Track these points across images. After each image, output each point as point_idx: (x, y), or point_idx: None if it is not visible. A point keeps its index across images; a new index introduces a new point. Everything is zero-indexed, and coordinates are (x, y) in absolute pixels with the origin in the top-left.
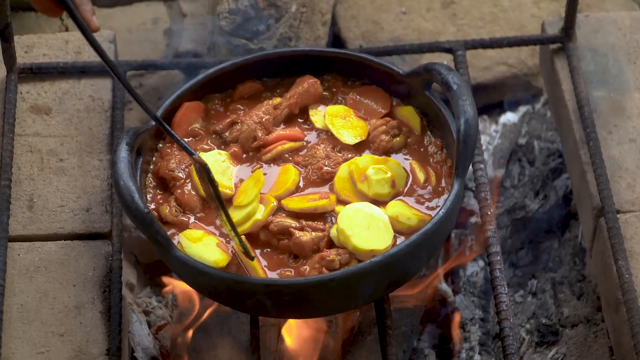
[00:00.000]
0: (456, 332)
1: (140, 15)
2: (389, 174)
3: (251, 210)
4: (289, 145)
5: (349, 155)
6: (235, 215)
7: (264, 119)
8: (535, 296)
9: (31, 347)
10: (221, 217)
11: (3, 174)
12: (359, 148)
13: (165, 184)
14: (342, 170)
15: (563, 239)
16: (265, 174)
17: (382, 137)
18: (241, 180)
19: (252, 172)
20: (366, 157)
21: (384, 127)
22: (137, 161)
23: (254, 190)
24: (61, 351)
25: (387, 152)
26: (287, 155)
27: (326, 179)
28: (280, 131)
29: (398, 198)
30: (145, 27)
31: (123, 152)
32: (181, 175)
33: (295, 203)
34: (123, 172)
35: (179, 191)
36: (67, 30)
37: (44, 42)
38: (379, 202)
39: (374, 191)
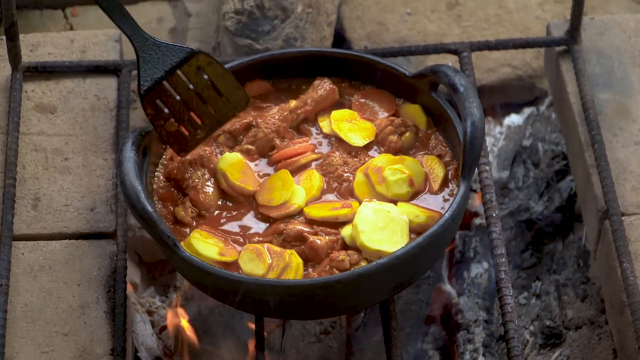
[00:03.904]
0: (460, 334)
1: (145, 14)
2: (406, 173)
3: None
4: (310, 157)
5: (366, 159)
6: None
7: (281, 127)
8: (539, 298)
9: (35, 347)
10: None
11: (8, 172)
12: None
13: (179, 186)
14: (359, 175)
15: (567, 241)
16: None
17: (390, 138)
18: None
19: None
20: (382, 158)
21: (390, 127)
22: (143, 161)
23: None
24: (65, 351)
25: (398, 151)
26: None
27: (349, 187)
28: (297, 143)
29: (413, 202)
30: (150, 27)
31: (129, 152)
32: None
33: (317, 211)
34: (129, 171)
35: (192, 192)
36: (72, 29)
37: (49, 40)
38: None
39: (392, 192)
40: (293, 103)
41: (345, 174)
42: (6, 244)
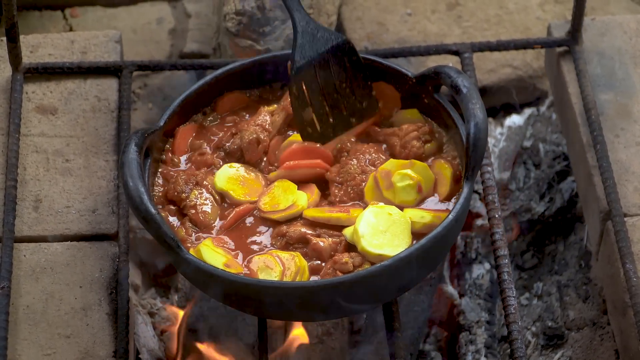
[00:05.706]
0: (462, 335)
1: (144, 15)
2: (415, 179)
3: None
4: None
5: None
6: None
7: (263, 123)
8: (540, 299)
9: (37, 349)
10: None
11: (9, 174)
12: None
13: (177, 206)
14: (371, 180)
15: (568, 241)
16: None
17: (413, 143)
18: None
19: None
20: (391, 162)
21: (416, 132)
22: (145, 162)
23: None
24: (67, 353)
25: (418, 158)
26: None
27: (359, 190)
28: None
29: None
30: (149, 27)
31: (132, 154)
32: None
33: (312, 212)
34: (132, 173)
35: (192, 211)
36: (71, 29)
37: (50, 41)
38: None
39: (399, 199)
40: (273, 106)
41: (364, 184)
42: (8, 245)
